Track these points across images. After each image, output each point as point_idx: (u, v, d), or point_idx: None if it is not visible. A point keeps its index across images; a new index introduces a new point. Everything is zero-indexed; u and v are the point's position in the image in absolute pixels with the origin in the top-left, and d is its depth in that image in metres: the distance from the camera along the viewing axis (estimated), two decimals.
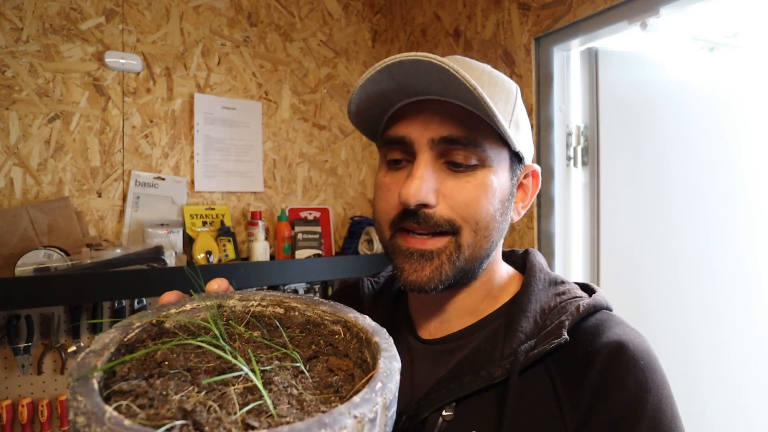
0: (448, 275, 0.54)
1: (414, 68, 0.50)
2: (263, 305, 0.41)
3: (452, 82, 0.50)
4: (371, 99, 0.56)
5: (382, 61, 0.51)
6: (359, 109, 0.58)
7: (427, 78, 0.51)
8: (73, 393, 0.25)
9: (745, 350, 1.52)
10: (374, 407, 0.26)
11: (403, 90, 0.54)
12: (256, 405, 0.27)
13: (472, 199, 0.54)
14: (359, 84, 0.53)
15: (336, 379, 0.33)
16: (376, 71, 0.51)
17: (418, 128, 0.54)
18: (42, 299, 1.26)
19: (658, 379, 0.50)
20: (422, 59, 0.48)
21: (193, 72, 1.71)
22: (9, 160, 1.43)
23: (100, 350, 0.30)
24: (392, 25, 2.09)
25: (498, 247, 0.61)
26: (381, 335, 0.35)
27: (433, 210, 0.53)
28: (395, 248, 0.56)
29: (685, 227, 1.45)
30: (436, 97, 0.54)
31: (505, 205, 0.58)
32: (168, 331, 0.37)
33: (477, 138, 0.54)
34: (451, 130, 0.53)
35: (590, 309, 0.55)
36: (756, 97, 1.59)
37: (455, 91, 0.52)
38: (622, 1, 1.17)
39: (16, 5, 1.43)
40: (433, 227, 0.53)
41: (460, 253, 0.54)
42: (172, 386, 0.28)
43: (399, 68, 0.51)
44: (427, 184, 0.52)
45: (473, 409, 0.53)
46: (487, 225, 0.55)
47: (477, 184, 0.54)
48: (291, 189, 1.91)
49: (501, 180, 0.56)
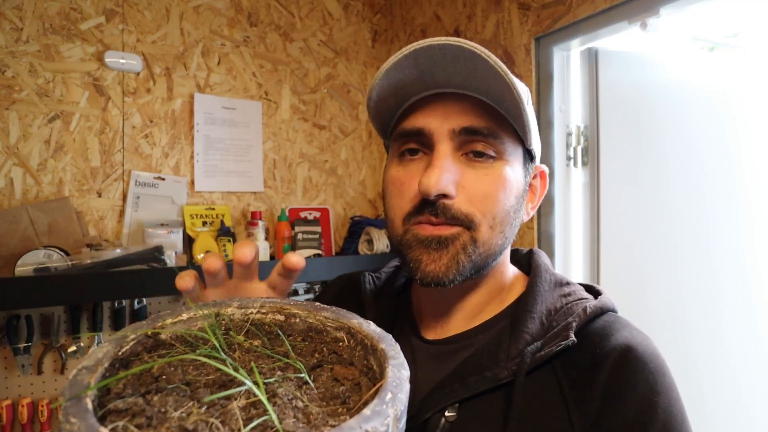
0: (465, 267, 0.53)
1: (441, 55, 0.49)
2: (263, 312, 0.40)
3: (479, 70, 0.49)
4: (392, 88, 0.55)
5: (408, 47, 0.50)
6: (380, 98, 0.56)
7: (452, 66, 0.51)
8: (66, 414, 0.24)
9: (745, 350, 1.52)
10: (386, 420, 0.25)
11: (424, 80, 0.53)
12: (261, 421, 0.26)
13: (491, 192, 0.53)
14: (384, 69, 0.52)
15: (342, 389, 0.32)
16: (403, 56, 0.50)
17: (438, 119, 0.53)
18: (42, 299, 1.26)
19: (668, 382, 0.50)
20: (453, 43, 0.48)
21: (193, 72, 1.70)
22: (9, 160, 1.43)
23: (93, 366, 0.29)
24: (392, 25, 2.08)
25: (508, 245, 0.60)
26: (387, 342, 0.34)
27: (452, 201, 0.52)
28: (411, 239, 0.54)
29: (684, 227, 1.44)
30: (456, 90, 0.54)
31: (519, 201, 0.57)
32: (164, 342, 0.35)
33: (497, 130, 0.53)
34: (472, 120, 0.53)
35: (597, 311, 0.55)
36: (756, 97, 1.59)
37: (478, 82, 0.51)
38: (622, 1, 1.17)
39: (16, 5, 1.42)
40: (451, 219, 0.52)
41: (476, 247, 0.53)
42: (171, 402, 0.27)
43: (425, 54, 0.50)
44: (447, 174, 0.51)
45: (477, 410, 0.52)
46: (502, 220, 0.55)
47: (495, 177, 0.54)
48: (291, 189, 1.91)
49: (517, 175, 0.56)
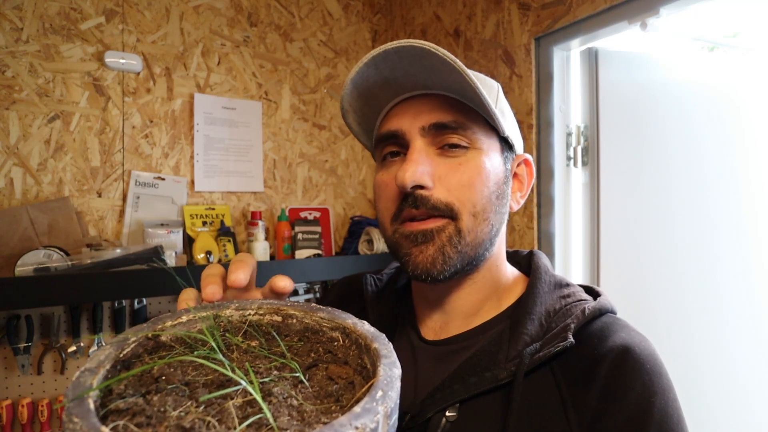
0: (452, 258, 0.54)
1: (398, 57, 0.52)
2: (260, 314, 0.41)
3: (435, 66, 0.51)
4: (362, 97, 0.58)
5: (368, 54, 0.52)
6: (354, 109, 0.59)
7: (411, 67, 0.53)
8: (69, 414, 0.24)
9: (747, 351, 1.52)
10: (376, 417, 0.25)
11: (390, 85, 0.56)
12: (256, 419, 0.26)
13: (467, 180, 0.55)
14: (349, 79, 0.55)
15: (336, 387, 0.33)
16: (363, 64, 0.53)
17: (409, 119, 0.56)
18: (42, 299, 1.27)
19: (665, 383, 0.50)
20: (404, 45, 0.50)
21: (193, 72, 1.71)
22: (9, 160, 1.43)
23: (96, 368, 0.29)
24: (392, 25, 2.09)
25: (501, 237, 0.61)
26: (380, 341, 0.35)
27: (430, 192, 0.54)
28: (399, 237, 0.57)
29: (685, 227, 1.44)
30: (422, 91, 0.57)
31: (501, 188, 0.58)
32: (164, 344, 0.36)
33: (466, 122, 0.56)
34: (440, 116, 0.55)
35: (596, 312, 0.55)
36: (757, 97, 1.58)
37: (439, 78, 0.54)
38: (622, 1, 1.17)
39: (16, 5, 1.42)
40: (431, 210, 0.54)
41: (461, 237, 0.55)
42: (170, 402, 0.28)
43: (384, 59, 0.52)
44: (422, 167, 0.54)
45: (477, 410, 0.53)
46: (484, 208, 0.56)
47: (470, 166, 0.55)
48: (291, 189, 1.91)
49: (494, 163, 0.58)
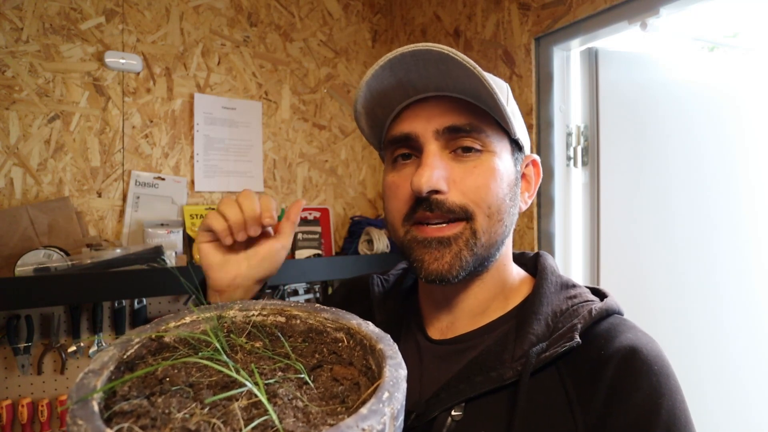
0: (468, 262, 0.55)
1: (413, 61, 0.52)
2: (264, 314, 0.41)
3: (451, 71, 0.52)
4: (375, 99, 0.58)
5: (384, 57, 0.52)
6: (366, 111, 0.59)
7: (425, 70, 0.53)
8: (73, 416, 0.24)
9: (748, 351, 1.52)
10: (382, 418, 0.25)
11: (404, 87, 0.56)
12: (261, 421, 0.26)
13: (482, 183, 0.55)
14: (364, 81, 0.55)
15: (341, 388, 0.33)
16: (379, 67, 0.53)
17: (422, 122, 0.56)
18: (42, 299, 1.26)
19: (672, 384, 0.50)
20: (421, 48, 0.50)
21: (193, 72, 1.70)
22: (9, 160, 1.43)
23: (99, 369, 0.29)
24: (392, 25, 2.09)
25: (509, 237, 0.61)
26: (385, 342, 0.35)
27: (445, 196, 0.54)
28: (412, 241, 0.57)
29: (685, 227, 1.44)
30: (435, 93, 0.57)
31: (513, 190, 0.59)
32: (168, 345, 0.36)
33: (479, 125, 0.56)
34: (453, 119, 0.55)
35: (602, 313, 0.55)
36: (757, 97, 1.59)
37: (453, 81, 0.54)
38: (622, 1, 1.17)
39: (16, 5, 1.42)
40: (447, 213, 0.54)
41: (476, 239, 0.55)
42: (175, 404, 0.28)
43: (400, 62, 0.52)
44: (437, 171, 0.54)
45: (482, 409, 0.53)
46: (498, 208, 0.56)
47: (484, 169, 0.56)
48: (291, 189, 1.91)
49: (506, 165, 0.58)
